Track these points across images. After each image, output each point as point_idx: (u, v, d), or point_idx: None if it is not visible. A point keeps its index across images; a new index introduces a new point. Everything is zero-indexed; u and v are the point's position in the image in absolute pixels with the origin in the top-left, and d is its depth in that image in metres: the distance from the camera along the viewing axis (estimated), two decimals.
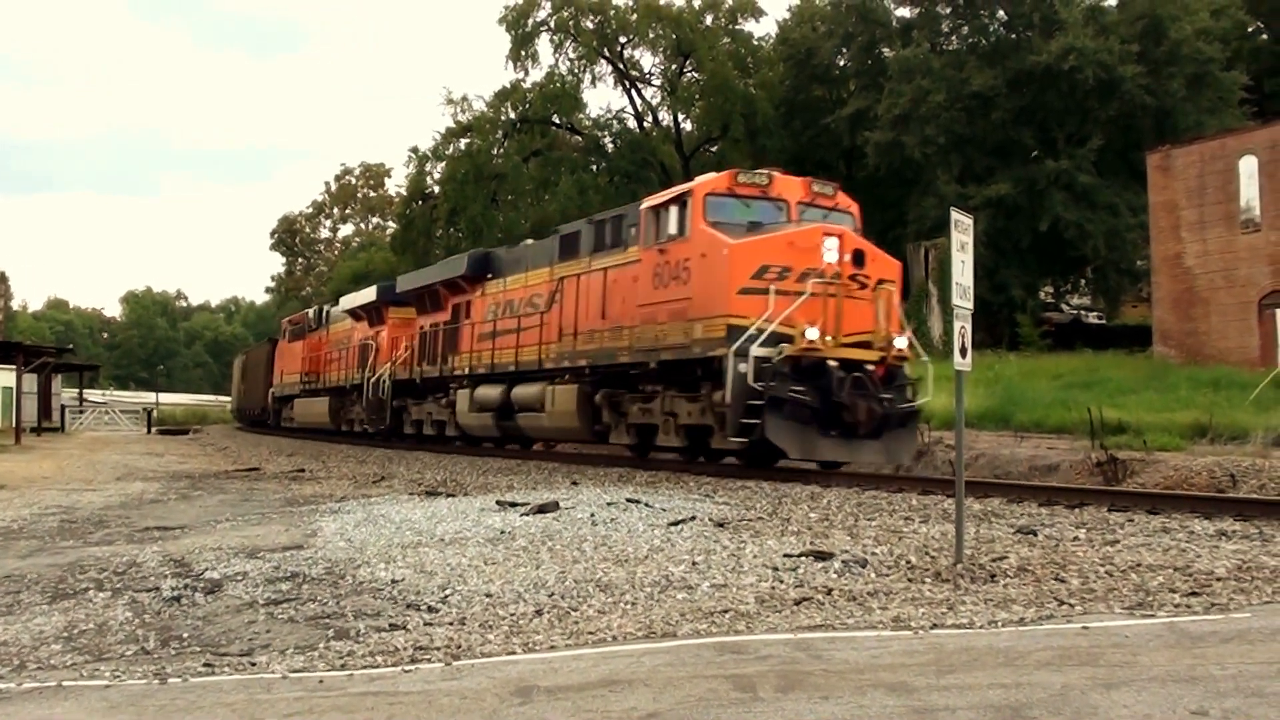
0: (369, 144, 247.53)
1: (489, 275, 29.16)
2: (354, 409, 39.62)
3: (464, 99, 55.10)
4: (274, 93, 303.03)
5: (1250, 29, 44.20)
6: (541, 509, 14.27)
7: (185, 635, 7.95)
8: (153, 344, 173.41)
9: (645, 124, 54.99)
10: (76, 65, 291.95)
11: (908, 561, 9.98)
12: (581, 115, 54.67)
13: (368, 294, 38.63)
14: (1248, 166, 32.48)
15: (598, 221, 23.66)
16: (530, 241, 30.08)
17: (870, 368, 17.82)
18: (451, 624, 7.99)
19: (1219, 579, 8.79)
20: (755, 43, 52.90)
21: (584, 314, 22.93)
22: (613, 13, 52.05)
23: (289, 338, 50.58)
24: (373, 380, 35.88)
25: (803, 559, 10.17)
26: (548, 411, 24.32)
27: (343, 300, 42.79)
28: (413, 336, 33.83)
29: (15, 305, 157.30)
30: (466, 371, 29.20)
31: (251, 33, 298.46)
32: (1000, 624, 7.40)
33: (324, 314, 46.25)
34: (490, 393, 27.15)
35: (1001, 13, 43.38)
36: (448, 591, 9.17)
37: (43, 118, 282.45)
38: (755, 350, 17.38)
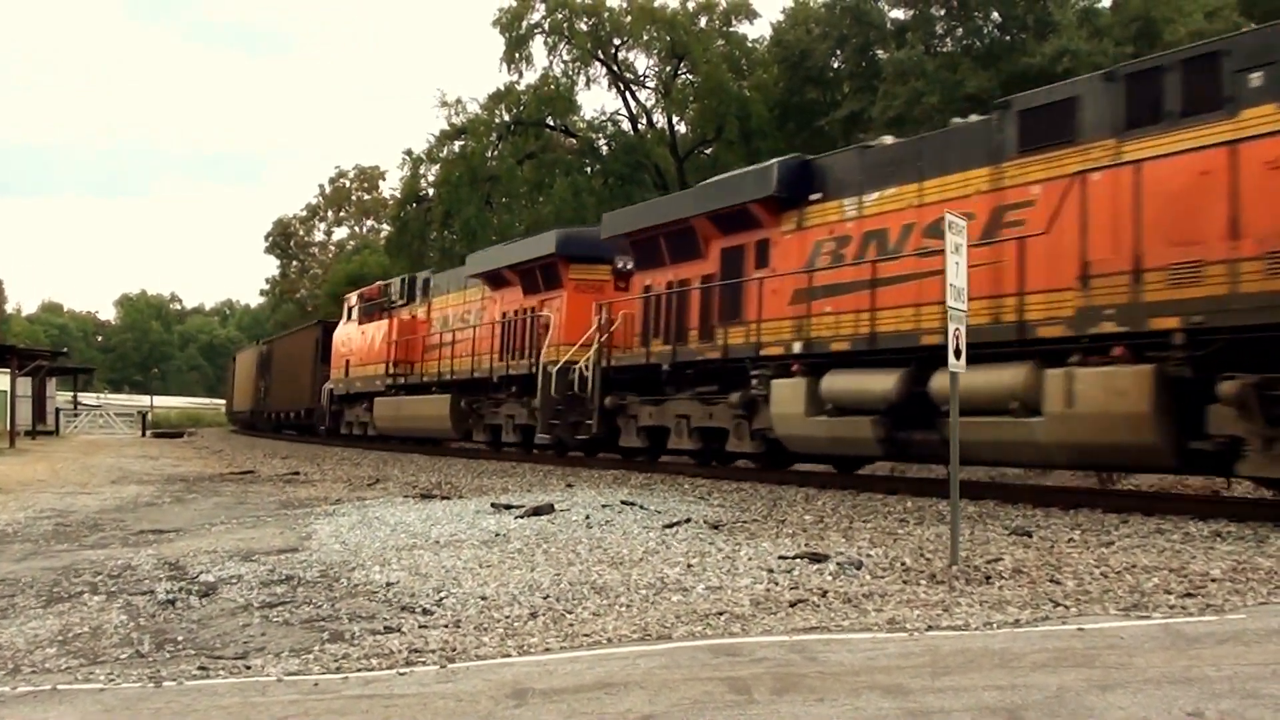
0: (363, 146, 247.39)
1: (810, 196, 19.00)
2: (501, 409, 29.30)
3: (458, 101, 54.99)
4: (268, 95, 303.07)
5: (1244, 31, 44.30)
6: (536, 511, 14.29)
7: (180, 638, 7.94)
8: (147, 347, 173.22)
9: (639, 126, 54.91)
10: (70, 67, 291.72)
11: (903, 563, 9.99)
12: (576, 118, 54.60)
13: (529, 248, 28.44)
14: None
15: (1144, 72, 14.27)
16: (888, 140, 19.55)
17: None
18: (446, 627, 7.99)
19: (1214, 580, 8.79)
20: (749, 45, 52.84)
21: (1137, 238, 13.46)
22: (607, 15, 51.98)
23: (358, 318, 40.27)
24: (555, 368, 24.98)
25: (798, 561, 10.18)
26: (1061, 414, 14.06)
27: (471, 261, 31.72)
28: (630, 304, 24.11)
29: (9, 308, 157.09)
30: (788, 348, 18.83)
31: (245, 35, 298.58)
32: (995, 626, 7.39)
33: (417, 285, 36.63)
34: (863, 385, 16.98)
35: (995, 15, 43.39)
36: (443, 594, 9.17)
37: (36, 120, 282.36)
38: None
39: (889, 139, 19.52)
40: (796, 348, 18.58)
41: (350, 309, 41.88)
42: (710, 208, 21.24)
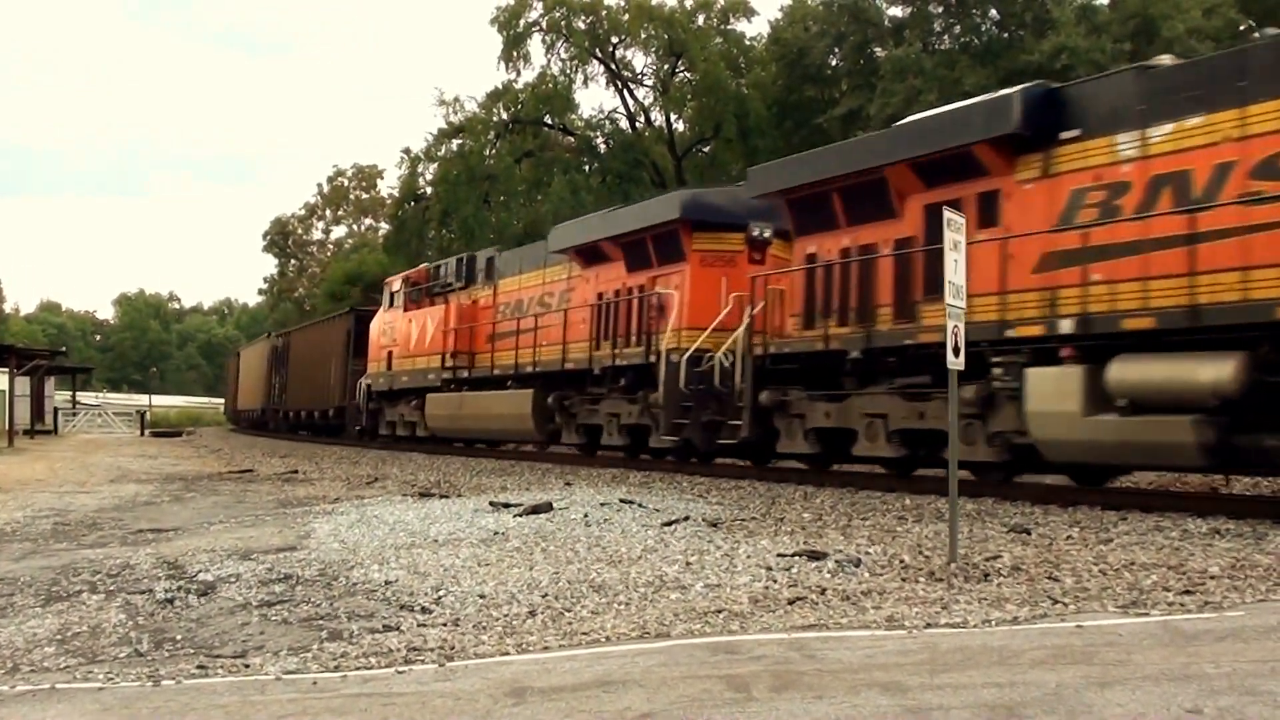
0: (361, 145, 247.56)
1: (1062, 134, 15.03)
2: (601, 406, 24.72)
3: (456, 100, 55.06)
4: (266, 94, 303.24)
5: (1242, 27, 44.16)
6: (535, 510, 14.28)
7: (179, 637, 7.93)
8: (145, 346, 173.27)
9: (637, 124, 54.93)
10: (68, 67, 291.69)
11: (901, 561, 9.99)
12: (574, 116, 54.61)
13: (640, 214, 24.00)
14: None
15: None
16: (1166, 60, 15.55)
17: None
18: (445, 625, 7.98)
19: (1213, 577, 8.79)
20: (747, 43, 52.90)
21: None
22: (604, 13, 51.99)
23: (402, 304, 35.25)
24: (683, 357, 20.91)
25: (796, 559, 10.17)
26: None
27: (557, 235, 26.92)
28: (784, 277, 20.03)
29: (8, 308, 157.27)
30: (1050, 326, 14.67)
31: (244, 34, 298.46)
32: (994, 623, 7.39)
33: (478, 266, 31.64)
34: (1183, 372, 12.80)
35: (994, 12, 43.41)
36: (441, 592, 9.16)
37: (34, 120, 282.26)
38: None
39: (1167, 58, 15.61)
40: (1066, 326, 14.35)
41: (393, 295, 36.68)
42: (913, 154, 17.02)
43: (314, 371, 46.15)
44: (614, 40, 53.14)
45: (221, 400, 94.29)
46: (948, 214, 10.46)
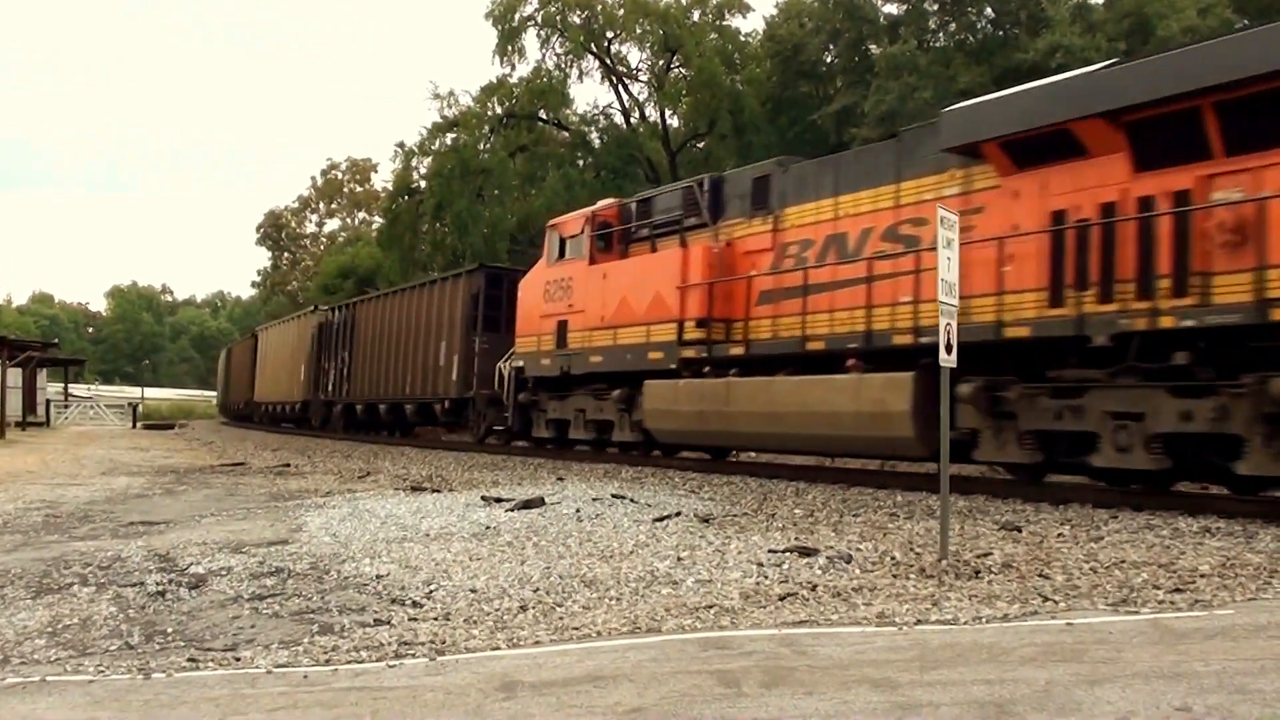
0: (355, 139, 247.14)
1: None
2: (1087, 401, 14.07)
3: (451, 94, 54.99)
4: (260, 88, 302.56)
5: (1237, 27, 44.25)
6: (527, 504, 14.29)
7: (169, 630, 7.93)
8: (138, 339, 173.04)
9: (632, 120, 54.91)
10: (64, 61, 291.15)
11: (892, 557, 10.00)
12: (568, 111, 54.58)
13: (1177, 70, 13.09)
14: None
15: None
16: None
17: None
18: (436, 619, 7.99)
19: (1203, 576, 8.81)
20: (742, 39, 52.83)
21: None
22: (600, 8, 51.96)
23: (587, 253, 24.69)
24: None
25: (787, 555, 10.18)
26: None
27: (953, 123, 15.82)
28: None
29: (0, 300, 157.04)
30: None
31: (239, 28, 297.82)
32: (985, 620, 7.41)
33: (738, 190, 21.15)
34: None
35: (989, 10, 43.41)
36: (432, 587, 9.17)
37: (28, 113, 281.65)
38: None
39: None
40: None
41: (564, 242, 25.89)
42: None
43: (409, 352, 35.59)
44: (609, 35, 53.12)
45: (214, 394, 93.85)
46: (942, 212, 10.50)
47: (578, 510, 13.84)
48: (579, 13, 52.20)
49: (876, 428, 16.61)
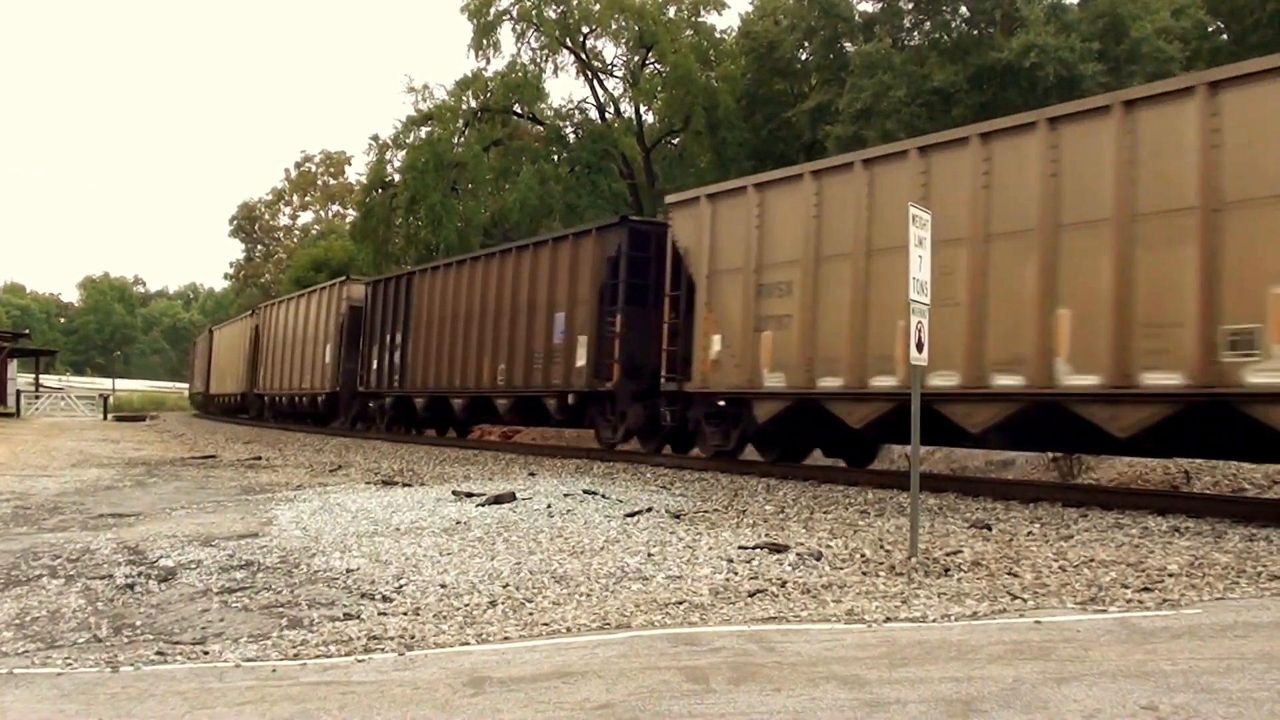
0: (330, 132, 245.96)
1: None
2: None
3: (425, 87, 54.90)
4: (234, 79, 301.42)
5: (1210, 29, 44.40)
6: (498, 500, 14.28)
7: (138, 623, 7.90)
8: (110, 330, 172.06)
9: (607, 115, 54.85)
10: (32, 47, 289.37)
11: (862, 555, 10.03)
12: (543, 105, 54.45)
13: None
14: None
15: None
16: None
17: None
18: (406, 614, 7.97)
19: (1171, 575, 8.86)
20: (718, 35, 52.87)
21: None
22: (575, 3, 51.91)
23: None
24: None
25: (758, 551, 10.21)
26: None
27: None
28: None
29: None
30: None
31: (213, 17, 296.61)
32: (953, 618, 7.44)
33: None
34: None
35: (964, 9, 43.50)
36: (402, 581, 9.15)
37: None
38: None
39: None
40: None
41: None
42: None
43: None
44: (585, 30, 53.04)
45: (186, 385, 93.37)
46: (913, 210, 10.53)
47: (549, 506, 13.84)
48: (555, 7, 52.12)
49: None
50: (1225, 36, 46.79)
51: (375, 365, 35.90)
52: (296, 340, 43.81)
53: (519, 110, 53.69)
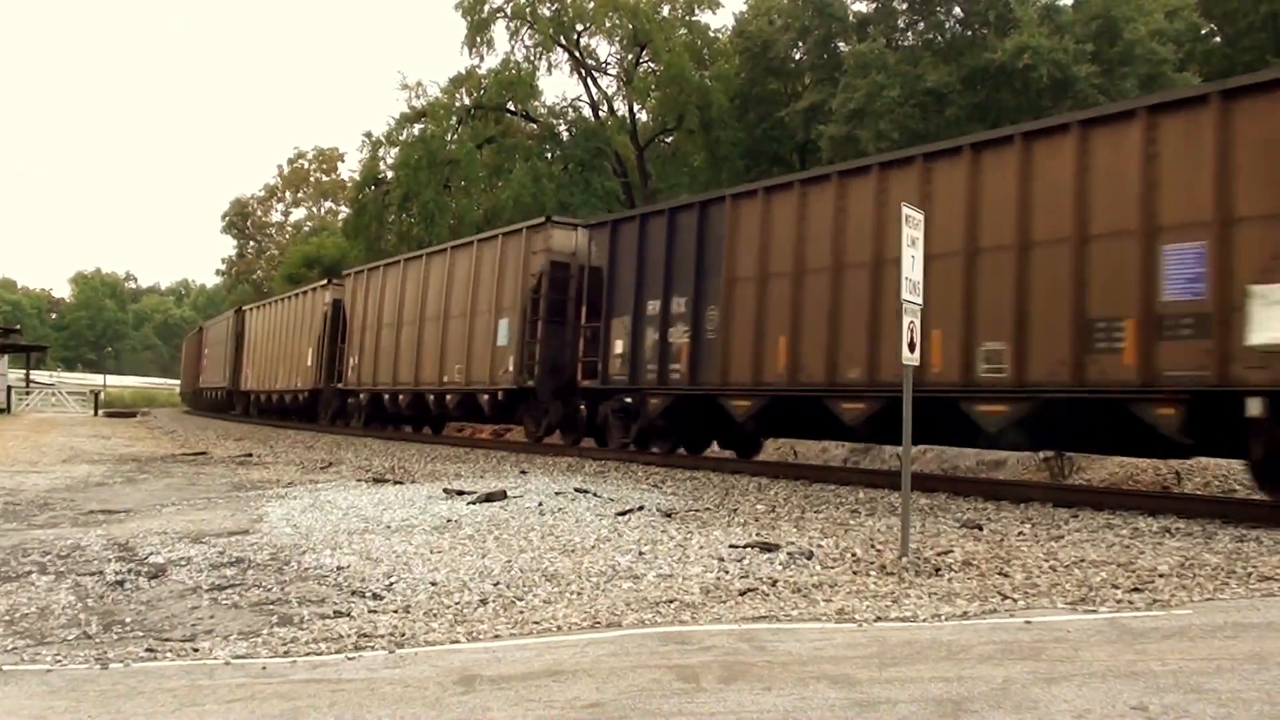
0: (323, 129, 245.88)
1: None
2: None
3: (419, 84, 54.89)
4: (228, 75, 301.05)
5: (1204, 31, 44.45)
6: (489, 498, 14.27)
7: (128, 620, 7.88)
8: (101, 326, 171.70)
9: (600, 113, 54.82)
10: (24, 43, 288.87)
11: (853, 554, 10.03)
12: (537, 103, 54.41)
13: None
14: None
15: None
16: None
17: None
18: (396, 612, 7.97)
19: (1161, 575, 8.87)
20: (711, 35, 52.83)
21: None
22: (569, 1, 51.93)
23: None
24: None
25: (749, 550, 10.20)
26: None
27: None
28: None
29: None
30: None
31: (206, 13, 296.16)
32: (944, 617, 7.44)
33: None
34: None
35: (958, 10, 43.50)
36: (393, 579, 9.15)
37: None
38: None
39: None
40: None
41: None
42: None
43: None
44: (579, 28, 53.01)
45: (178, 382, 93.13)
46: (906, 210, 10.53)
47: (540, 504, 13.83)
48: (549, 5, 52.13)
49: None
50: (1218, 39, 46.87)
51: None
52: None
53: (512, 108, 53.65)
